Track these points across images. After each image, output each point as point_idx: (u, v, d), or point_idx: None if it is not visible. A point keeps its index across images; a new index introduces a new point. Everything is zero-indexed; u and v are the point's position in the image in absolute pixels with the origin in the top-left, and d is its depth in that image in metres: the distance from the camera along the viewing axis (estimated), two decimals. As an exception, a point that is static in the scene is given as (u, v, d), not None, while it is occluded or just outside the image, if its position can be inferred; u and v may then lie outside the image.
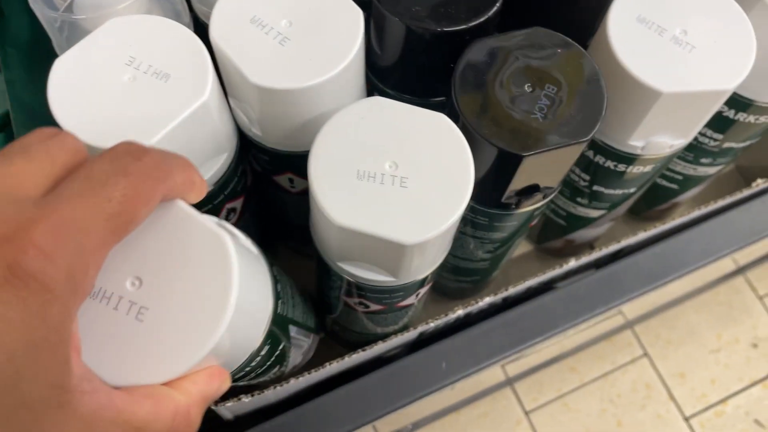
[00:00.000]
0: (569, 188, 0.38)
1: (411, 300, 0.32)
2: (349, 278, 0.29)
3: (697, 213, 0.42)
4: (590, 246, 0.47)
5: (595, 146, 0.33)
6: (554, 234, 0.44)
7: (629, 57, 0.28)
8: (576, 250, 0.46)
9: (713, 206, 0.42)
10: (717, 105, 0.29)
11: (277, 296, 0.28)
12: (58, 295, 0.12)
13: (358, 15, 0.28)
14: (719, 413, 0.88)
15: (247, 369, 0.26)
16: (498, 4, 0.29)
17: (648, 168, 0.34)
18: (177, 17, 0.33)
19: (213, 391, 0.18)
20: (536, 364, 0.89)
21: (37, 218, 0.12)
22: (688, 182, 0.41)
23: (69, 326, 0.13)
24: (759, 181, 0.43)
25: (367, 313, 0.34)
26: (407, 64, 0.31)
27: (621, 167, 0.34)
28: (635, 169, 0.34)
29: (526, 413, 0.88)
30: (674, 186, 0.42)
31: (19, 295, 0.11)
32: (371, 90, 0.34)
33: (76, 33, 0.30)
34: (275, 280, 0.27)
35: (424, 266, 0.29)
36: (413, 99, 0.33)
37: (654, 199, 0.44)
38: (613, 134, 0.32)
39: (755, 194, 0.43)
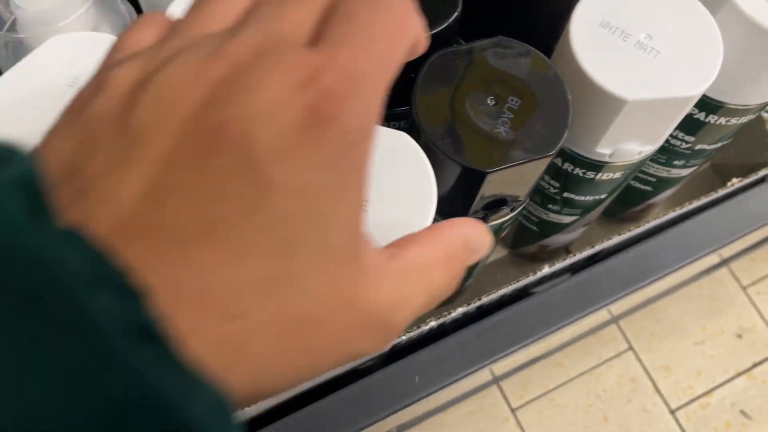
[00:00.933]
0: (540, 195, 0.37)
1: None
2: None
3: (671, 214, 0.41)
4: (566, 250, 0.46)
5: (563, 154, 0.32)
6: (528, 240, 0.43)
7: (593, 64, 0.28)
8: (551, 254, 0.45)
9: (688, 207, 0.41)
10: (684, 111, 0.29)
11: None
12: (354, 139, 0.12)
13: None
14: (705, 405, 0.88)
15: None
16: (457, 12, 0.28)
17: (618, 174, 0.33)
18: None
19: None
20: (522, 361, 0.89)
21: (325, 64, 0.12)
22: (662, 184, 0.40)
23: (364, 171, 0.13)
24: (734, 180, 0.42)
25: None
26: None
27: (590, 174, 0.33)
28: (605, 176, 0.33)
29: (513, 411, 0.88)
30: (648, 188, 0.41)
31: (319, 139, 0.12)
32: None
33: (20, 52, 0.29)
34: None
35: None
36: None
37: (629, 201, 0.43)
38: (580, 142, 0.31)
39: (730, 194, 0.42)
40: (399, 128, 0.33)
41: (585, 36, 0.28)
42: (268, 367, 0.12)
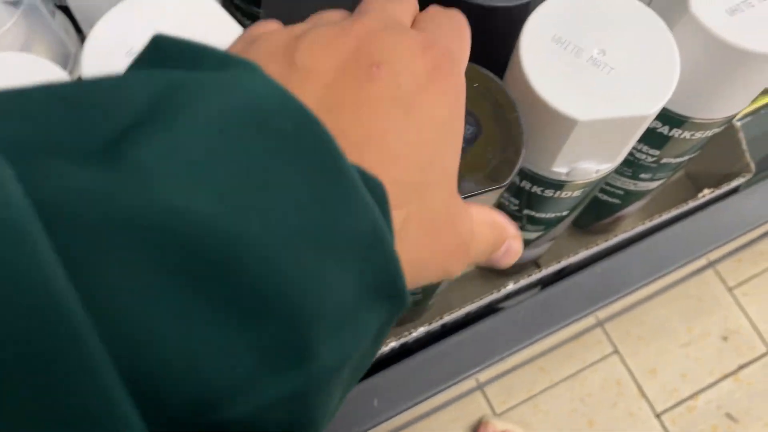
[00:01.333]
0: (502, 211, 0.36)
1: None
2: None
3: (640, 228, 0.40)
4: (535, 263, 0.45)
5: (521, 172, 0.31)
6: (495, 254, 0.42)
7: (543, 83, 0.26)
8: (520, 268, 0.44)
9: (657, 220, 0.40)
10: (641, 129, 0.27)
11: None
12: (461, 92, 0.16)
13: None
14: (691, 408, 0.87)
15: None
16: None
17: (577, 192, 0.32)
18: (62, 47, 0.30)
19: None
20: (506, 366, 0.88)
21: (434, 42, 0.16)
22: (629, 196, 0.39)
23: (463, 119, 0.17)
24: (705, 191, 0.41)
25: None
26: None
27: (549, 192, 0.31)
28: (564, 194, 0.32)
29: (497, 416, 0.87)
30: (616, 200, 0.40)
31: (444, 86, 0.15)
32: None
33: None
34: None
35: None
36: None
37: (597, 213, 0.42)
38: (536, 161, 0.30)
39: (702, 205, 0.41)
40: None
41: (536, 53, 0.27)
42: (409, 253, 0.14)
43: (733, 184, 0.41)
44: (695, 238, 0.40)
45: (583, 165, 0.29)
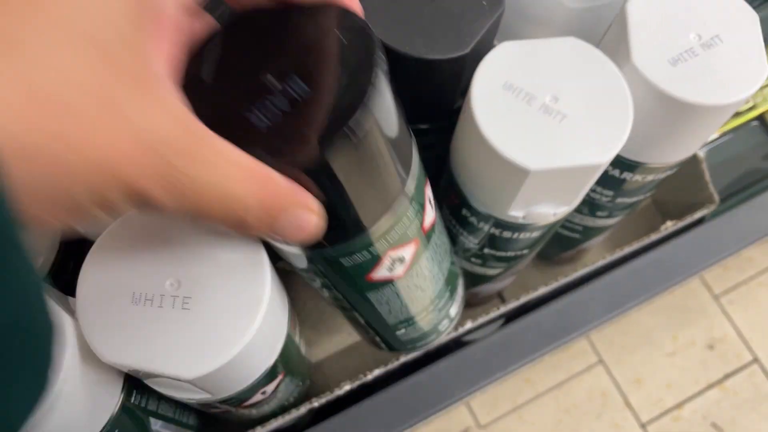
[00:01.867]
0: (461, 249, 0.35)
1: (258, 397, 0.30)
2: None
3: (601, 262, 0.39)
4: (499, 295, 0.44)
5: (476, 213, 0.31)
6: (456, 288, 0.42)
7: (495, 131, 0.26)
8: (484, 300, 0.44)
9: (620, 254, 0.39)
10: (594, 176, 0.27)
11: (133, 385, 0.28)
12: None
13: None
14: (676, 418, 0.87)
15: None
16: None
17: (536, 233, 0.31)
18: None
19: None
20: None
21: None
22: (589, 232, 0.39)
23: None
24: (668, 223, 0.40)
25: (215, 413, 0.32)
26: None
27: (507, 234, 0.31)
28: (522, 235, 0.31)
29: (482, 428, 0.87)
30: (576, 235, 0.39)
31: None
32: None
33: None
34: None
35: (239, 380, 0.26)
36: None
37: (560, 246, 0.42)
38: (492, 205, 0.29)
39: (665, 237, 0.40)
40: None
41: (487, 100, 0.26)
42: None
43: (697, 215, 0.41)
44: (657, 272, 0.39)
45: (540, 209, 0.29)
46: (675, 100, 0.26)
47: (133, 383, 0.28)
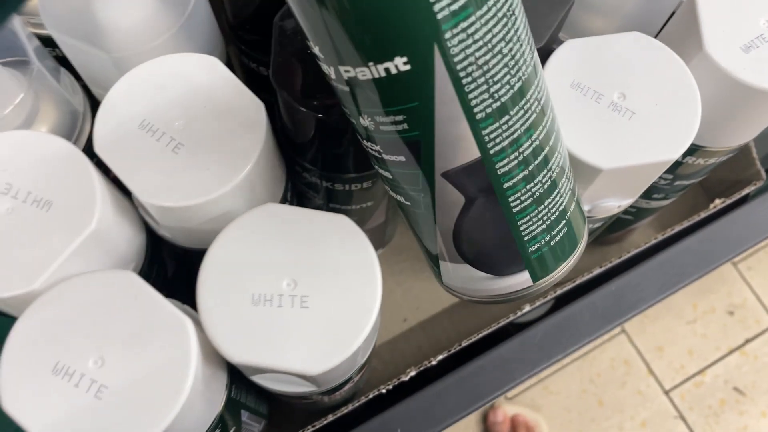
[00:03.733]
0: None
1: (348, 386, 0.31)
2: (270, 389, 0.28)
3: (653, 242, 0.40)
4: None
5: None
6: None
7: (565, 130, 0.26)
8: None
9: (669, 233, 0.40)
10: (662, 171, 0.27)
11: (232, 381, 0.28)
12: None
13: (259, 109, 0.26)
14: (698, 384, 0.89)
15: None
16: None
17: (597, 224, 0.32)
18: (69, 106, 0.30)
19: None
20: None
21: None
22: (642, 213, 0.39)
23: None
24: (717, 201, 0.41)
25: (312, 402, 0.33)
26: (321, 145, 0.28)
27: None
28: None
29: (509, 400, 0.89)
30: (629, 217, 0.40)
31: None
32: (291, 164, 0.31)
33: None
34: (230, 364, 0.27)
35: (346, 371, 0.27)
36: (337, 175, 0.30)
37: (609, 228, 0.42)
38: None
39: (713, 215, 0.41)
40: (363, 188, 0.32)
41: (555, 100, 0.26)
42: None
43: (744, 191, 0.41)
44: (707, 251, 0.40)
45: (605, 203, 0.29)
46: (749, 87, 0.27)
47: (235, 378, 0.29)
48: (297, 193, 0.34)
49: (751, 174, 0.41)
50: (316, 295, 0.23)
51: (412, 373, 0.37)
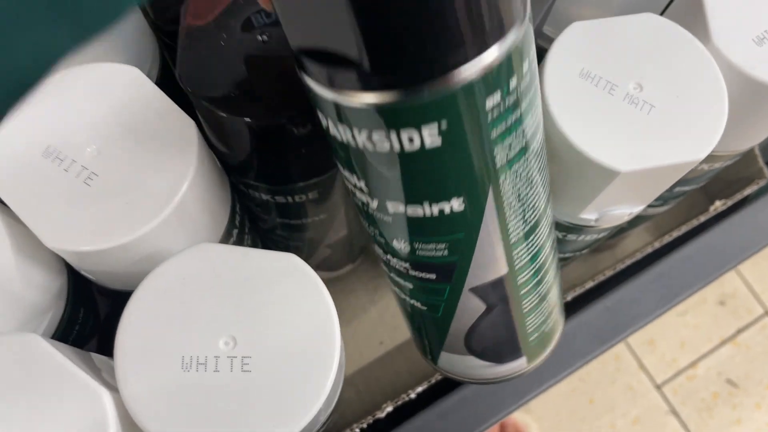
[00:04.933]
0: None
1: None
2: None
3: (650, 250, 0.36)
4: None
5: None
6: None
7: (574, 127, 0.22)
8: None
9: (667, 240, 0.36)
10: (683, 173, 0.23)
11: None
12: None
13: (190, 128, 0.21)
14: (691, 377, 0.86)
15: None
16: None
17: (602, 235, 0.28)
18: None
19: None
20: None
21: None
22: (638, 220, 0.36)
23: None
24: (717, 203, 0.37)
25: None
26: (251, 153, 0.24)
27: (571, 237, 0.28)
28: (587, 238, 0.28)
29: (496, 401, 0.86)
30: (624, 224, 0.36)
31: None
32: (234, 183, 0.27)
33: None
34: None
35: None
36: (279, 187, 0.26)
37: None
38: (561, 209, 0.26)
39: (713, 219, 0.37)
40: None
41: (562, 91, 0.22)
42: None
43: (746, 191, 0.37)
44: (710, 258, 0.36)
45: (615, 211, 0.25)
46: (762, 84, 0.23)
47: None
48: (251, 218, 0.30)
49: (753, 172, 0.38)
50: (260, 355, 0.19)
51: (389, 409, 0.33)
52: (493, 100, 0.14)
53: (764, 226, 0.37)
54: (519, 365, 0.25)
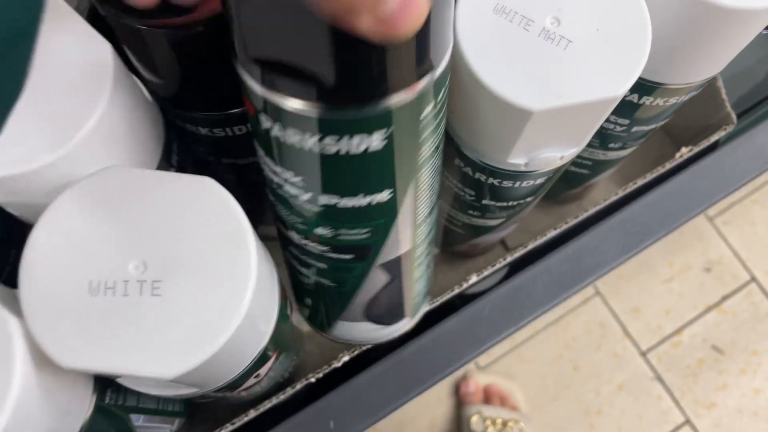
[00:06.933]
0: (457, 201, 0.31)
1: (251, 382, 0.26)
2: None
3: (613, 198, 0.35)
4: (502, 242, 0.41)
5: (471, 163, 0.26)
6: (457, 240, 0.38)
7: (486, 67, 0.21)
8: (485, 249, 0.40)
9: (631, 188, 0.35)
10: (607, 112, 0.23)
11: (106, 384, 0.24)
12: None
13: (105, 51, 0.20)
14: (676, 344, 0.86)
15: None
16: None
17: (540, 180, 0.27)
18: None
19: None
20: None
21: None
22: (599, 166, 0.35)
23: None
24: (683, 150, 0.36)
25: None
26: (176, 75, 0.23)
27: (507, 183, 0.27)
28: (525, 183, 0.27)
29: (481, 369, 0.85)
30: (585, 171, 0.36)
31: None
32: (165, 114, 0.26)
33: None
34: None
35: (228, 369, 0.22)
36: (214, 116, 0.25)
37: (565, 184, 0.38)
38: (488, 153, 0.25)
39: (679, 166, 0.36)
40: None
41: (475, 30, 0.21)
42: None
43: (713, 138, 0.37)
44: (674, 205, 0.35)
45: (544, 154, 0.25)
46: (712, 5, 0.22)
47: (106, 381, 0.24)
48: (196, 163, 0.29)
49: (721, 118, 0.37)
50: (171, 279, 0.18)
51: (345, 359, 0.32)
52: (425, 112, 0.17)
53: (730, 172, 0.36)
54: (404, 324, 0.29)
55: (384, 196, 0.19)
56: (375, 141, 0.16)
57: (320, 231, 0.20)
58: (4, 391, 0.17)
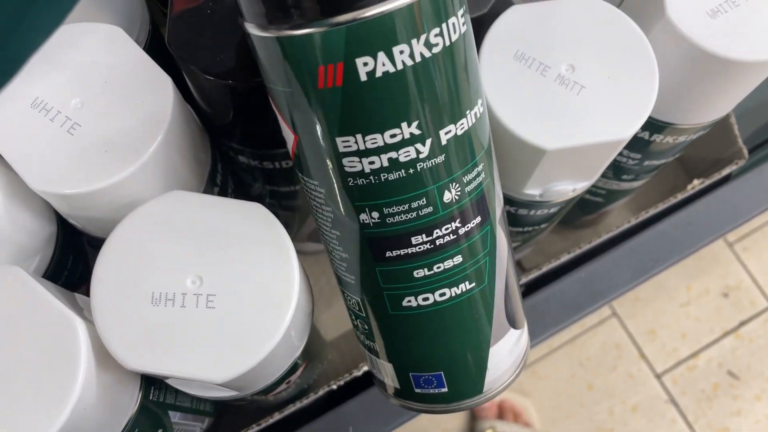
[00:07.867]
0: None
1: (281, 388, 0.28)
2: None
3: (626, 225, 0.37)
4: (519, 264, 0.43)
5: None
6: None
7: (506, 108, 0.23)
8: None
9: (643, 216, 0.37)
10: (616, 152, 0.25)
11: (150, 383, 0.26)
12: None
13: (166, 85, 0.23)
14: (691, 368, 0.86)
15: None
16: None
17: (554, 209, 0.29)
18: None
19: None
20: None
21: None
22: (613, 195, 0.37)
23: None
24: (695, 182, 0.38)
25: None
26: (236, 118, 0.26)
27: (523, 211, 0.29)
28: (539, 212, 0.29)
29: (496, 385, 0.87)
30: (599, 199, 0.37)
31: None
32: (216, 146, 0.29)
33: None
34: None
35: (266, 376, 0.25)
36: (264, 152, 0.28)
37: (581, 210, 0.40)
38: (505, 183, 0.27)
39: (691, 197, 0.38)
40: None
41: (497, 72, 0.24)
42: None
43: (725, 171, 0.38)
44: (685, 234, 0.37)
45: (558, 187, 0.27)
46: (715, 57, 0.24)
47: (151, 380, 0.26)
48: (238, 182, 0.32)
49: (733, 153, 0.38)
50: (223, 294, 0.21)
51: (365, 368, 0.34)
52: None
53: (740, 205, 0.37)
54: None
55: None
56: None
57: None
58: (70, 383, 0.20)
